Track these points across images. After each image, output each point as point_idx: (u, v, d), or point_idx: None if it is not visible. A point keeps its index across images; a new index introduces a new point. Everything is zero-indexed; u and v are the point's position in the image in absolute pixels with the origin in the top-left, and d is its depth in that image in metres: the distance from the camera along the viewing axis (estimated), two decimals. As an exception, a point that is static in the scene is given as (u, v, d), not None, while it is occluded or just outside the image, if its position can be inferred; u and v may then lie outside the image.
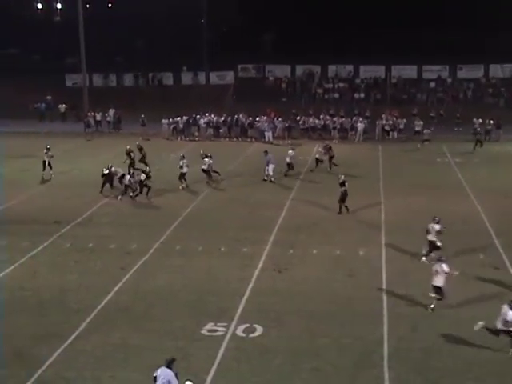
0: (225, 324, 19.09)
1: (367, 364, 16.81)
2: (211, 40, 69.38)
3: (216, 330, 18.74)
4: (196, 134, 52.03)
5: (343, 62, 67.70)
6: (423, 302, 20.32)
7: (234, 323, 19.16)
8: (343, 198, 29.85)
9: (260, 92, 63.51)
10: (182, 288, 21.85)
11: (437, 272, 19.77)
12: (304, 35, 70.07)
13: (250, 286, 21.98)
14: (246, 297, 21.06)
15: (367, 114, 53.81)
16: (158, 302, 20.80)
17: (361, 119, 51.51)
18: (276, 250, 25.42)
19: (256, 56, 70.28)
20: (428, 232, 23.87)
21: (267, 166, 36.44)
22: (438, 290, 19.74)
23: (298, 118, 52.50)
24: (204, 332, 18.66)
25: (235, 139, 51.24)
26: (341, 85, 66.82)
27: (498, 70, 67.08)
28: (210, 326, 18.99)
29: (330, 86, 66.89)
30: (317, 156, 39.36)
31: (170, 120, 52.10)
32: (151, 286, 22.08)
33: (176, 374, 14.39)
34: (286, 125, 51.42)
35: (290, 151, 37.67)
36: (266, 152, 36.88)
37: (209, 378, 16.27)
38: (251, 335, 18.51)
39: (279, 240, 26.56)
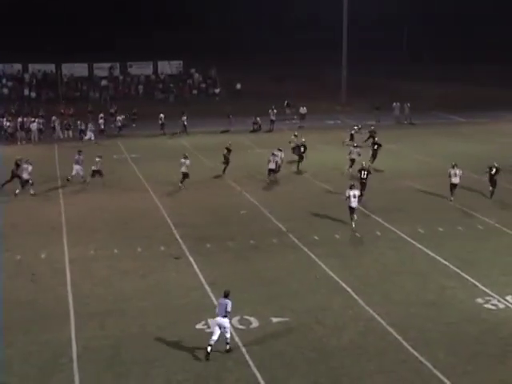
0: None
1: (55, 369, 16.47)
2: None
3: None
4: None
5: (10, 60, 65.43)
6: (109, 299, 20.53)
7: None
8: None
9: None
10: None
11: None
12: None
13: None
14: None
15: (41, 114, 52.33)
16: None
17: (33, 119, 49.91)
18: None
19: None
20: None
21: (78, 165, 34.85)
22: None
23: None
24: None
25: None
26: (9, 83, 64.60)
27: (166, 67, 69.87)
28: None
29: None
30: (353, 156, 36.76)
31: None
32: None
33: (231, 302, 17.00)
34: None
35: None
36: (80, 151, 35.58)
37: None
38: None
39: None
